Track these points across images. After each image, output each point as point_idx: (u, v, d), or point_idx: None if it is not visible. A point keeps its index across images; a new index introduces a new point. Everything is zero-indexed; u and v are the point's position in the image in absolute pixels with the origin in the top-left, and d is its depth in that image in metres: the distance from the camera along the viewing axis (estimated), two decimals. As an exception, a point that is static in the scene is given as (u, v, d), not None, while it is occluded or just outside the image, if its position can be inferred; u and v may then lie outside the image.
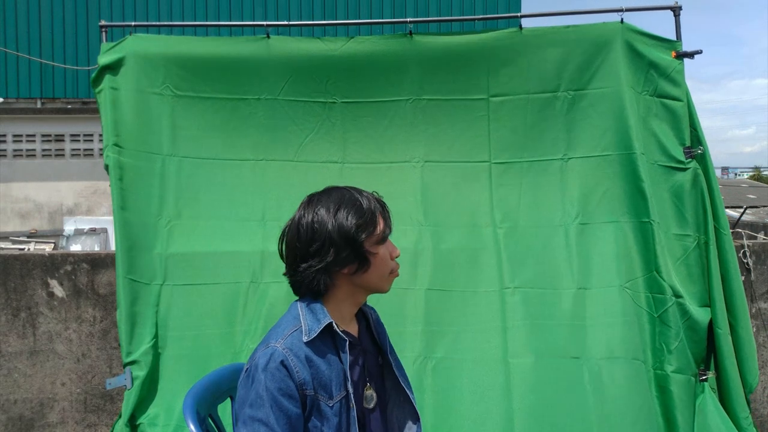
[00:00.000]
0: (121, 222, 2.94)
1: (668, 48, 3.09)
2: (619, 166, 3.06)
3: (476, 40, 3.18)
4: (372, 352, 1.53)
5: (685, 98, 3.04)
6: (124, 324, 2.83)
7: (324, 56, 3.17)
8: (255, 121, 3.18)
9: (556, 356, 2.91)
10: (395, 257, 1.49)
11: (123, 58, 3.09)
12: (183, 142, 3.12)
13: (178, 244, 3.01)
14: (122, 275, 2.88)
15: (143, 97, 3.09)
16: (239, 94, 3.17)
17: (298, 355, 1.34)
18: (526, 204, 3.13)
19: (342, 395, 1.38)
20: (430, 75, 3.18)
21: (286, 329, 1.39)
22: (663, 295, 2.93)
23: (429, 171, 3.18)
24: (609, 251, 3.03)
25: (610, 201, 3.07)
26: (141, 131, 3.07)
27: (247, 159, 3.17)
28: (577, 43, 3.13)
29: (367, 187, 2.91)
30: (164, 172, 3.07)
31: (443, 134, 3.19)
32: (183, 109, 3.14)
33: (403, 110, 3.19)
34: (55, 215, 8.99)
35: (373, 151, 3.20)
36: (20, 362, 3.31)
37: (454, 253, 3.08)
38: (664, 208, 3.02)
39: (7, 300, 3.30)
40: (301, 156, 3.19)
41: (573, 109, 3.14)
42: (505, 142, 3.16)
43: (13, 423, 3.31)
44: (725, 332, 2.89)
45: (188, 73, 3.14)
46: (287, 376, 1.31)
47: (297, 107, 3.20)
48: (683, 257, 2.99)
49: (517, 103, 3.17)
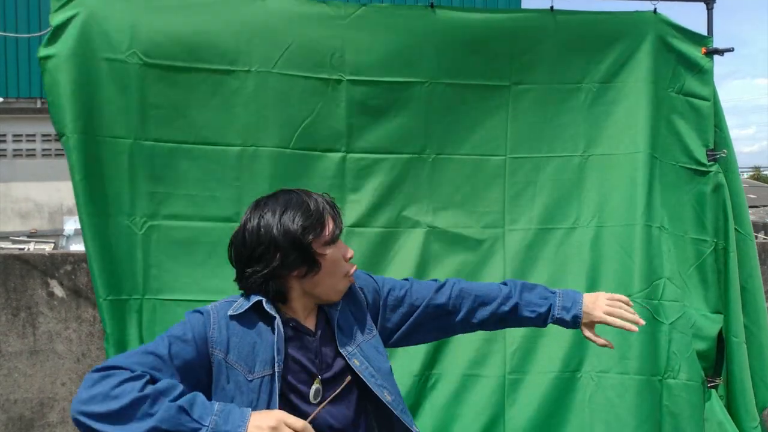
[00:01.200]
0: (93, 231, 2.50)
1: (699, 44, 2.90)
2: (641, 166, 2.84)
3: (504, 19, 2.84)
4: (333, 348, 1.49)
5: (712, 98, 2.88)
6: (111, 352, 2.50)
7: (330, 24, 2.70)
8: (243, 98, 2.64)
9: (557, 370, 2.80)
10: (349, 258, 1.47)
11: (78, 15, 2.49)
12: (154, 122, 2.58)
13: (156, 250, 2.60)
14: (103, 296, 2.51)
15: (104, 66, 2.51)
16: (225, 64, 2.62)
17: (223, 317, 1.40)
18: (542, 204, 2.88)
19: (267, 373, 1.37)
20: (450, 56, 2.79)
21: (225, 299, 1.46)
22: (675, 302, 2.83)
23: (440, 165, 2.84)
24: (622, 255, 2.85)
25: (629, 203, 2.86)
26: (104, 110, 2.52)
27: (234, 145, 2.65)
28: (609, 32, 2.86)
29: (372, 182, 2.81)
30: (133, 162, 2.56)
31: (458, 124, 2.85)
32: (154, 81, 2.56)
33: (419, 93, 2.79)
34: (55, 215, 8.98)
35: (381, 139, 2.79)
36: (20, 362, 3.31)
37: (461, 258, 2.85)
38: (683, 211, 2.89)
39: (7, 300, 3.30)
40: (298, 143, 2.70)
41: (596, 103, 2.89)
42: (523, 135, 2.87)
43: (13, 423, 3.31)
44: (740, 341, 2.82)
45: (161, 37, 2.56)
46: (202, 324, 1.38)
47: (295, 83, 2.68)
48: (698, 262, 2.88)
49: (540, 92, 2.87)
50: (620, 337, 2.63)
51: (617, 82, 2.88)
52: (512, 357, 2.79)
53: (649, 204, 2.84)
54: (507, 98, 2.86)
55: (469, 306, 1.65)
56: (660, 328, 2.80)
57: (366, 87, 2.75)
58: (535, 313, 1.65)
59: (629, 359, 2.76)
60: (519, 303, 1.65)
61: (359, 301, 1.57)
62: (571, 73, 2.88)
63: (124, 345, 2.53)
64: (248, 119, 2.66)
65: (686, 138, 2.90)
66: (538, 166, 2.88)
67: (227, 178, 2.66)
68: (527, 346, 2.81)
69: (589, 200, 2.88)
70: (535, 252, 2.86)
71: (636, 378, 2.76)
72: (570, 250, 2.86)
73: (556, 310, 1.65)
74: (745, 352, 2.84)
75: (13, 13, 8.53)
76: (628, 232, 2.83)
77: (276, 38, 2.66)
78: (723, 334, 2.87)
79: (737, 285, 2.86)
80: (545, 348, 2.81)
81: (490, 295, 1.67)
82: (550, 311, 1.65)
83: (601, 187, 2.88)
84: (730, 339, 2.84)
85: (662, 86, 2.89)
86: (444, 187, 2.85)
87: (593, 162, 2.89)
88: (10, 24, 8.57)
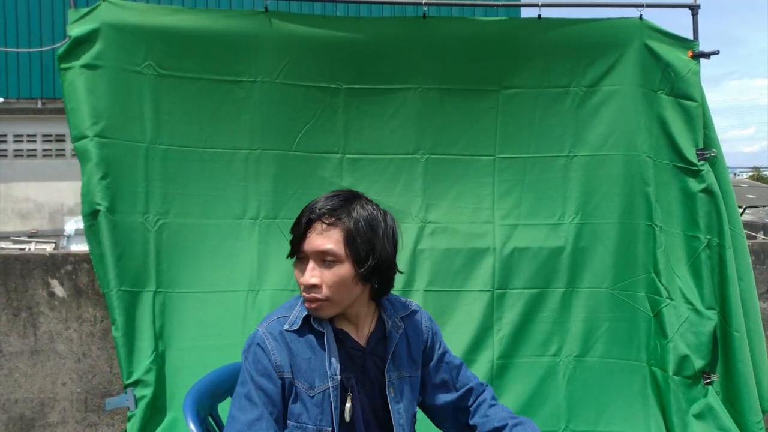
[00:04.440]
0: (109, 227, 2.68)
1: (685, 47, 3.01)
2: (624, 166, 3.03)
3: (494, 27, 3.00)
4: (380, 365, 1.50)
5: (700, 99, 2.99)
6: (122, 343, 2.65)
7: (329, 37, 2.88)
8: (250, 106, 2.87)
9: (542, 355, 2.99)
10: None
11: (97, 29, 2.68)
12: (168, 128, 2.80)
13: (168, 245, 2.78)
14: (115, 288, 2.68)
15: (122, 77, 2.72)
16: (232, 75, 2.85)
17: (277, 339, 1.40)
18: (528, 201, 3.06)
19: (325, 387, 1.40)
20: (441, 62, 2.98)
21: (273, 315, 1.46)
22: (660, 297, 2.95)
23: (432, 165, 3.03)
24: (605, 251, 3.05)
25: (610, 201, 3.05)
26: (121, 117, 2.73)
27: (241, 149, 2.87)
28: (595, 38, 3.02)
29: (367, 180, 2.97)
30: (148, 164, 2.77)
31: (450, 126, 3.03)
32: (167, 90, 2.78)
33: (411, 99, 2.99)
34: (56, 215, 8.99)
35: (376, 142, 3.00)
36: (21, 362, 3.32)
37: (453, 252, 3.02)
38: (674, 209, 3.00)
39: (7, 300, 3.31)
40: (300, 146, 2.93)
41: (583, 106, 3.06)
42: (511, 136, 3.05)
43: (14, 423, 3.32)
44: (741, 335, 2.84)
45: (173, 49, 2.76)
46: (264, 357, 1.39)
47: (297, 92, 2.91)
48: (692, 259, 2.95)
49: (528, 96, 3.05)
50: (599, 328, 3.00)
51: (603, 85, 3.05)
52: (499, 342, 2.99)
53: (634, 201, 3.03)
54: (497, 102, 3.04)
55: (480, 416, 1.60)
56: (642, 318, 3.01)
57: (361, 93, 2.96)
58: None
59: (605, 344, 3.00)
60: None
61: (421, 335, 1.57)
62: (558, 78, 3.05)
63: (133, 333, 2.71)
64: (254, 125, 2.88)
65: (677, 138, 2.99)
66: (525, 166, 3.07)
67: (234, 179, 2.88)
68: (515, 331, 3.01)
69: (573, 198, 3.07)
70: (522, 248, 3.05)
71: (614, 362, 3.00)
72: (555, 246, 3.05)
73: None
74: (747, 347, 2.85)
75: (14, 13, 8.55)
76: (610, 228, 3.04)
77: (278, 50, 2.86)
78: (722, 329, 2.90)
79: (735, 280, 2.90)
80: (533, 333, 3.02)
81: (497, 420, 1.56)
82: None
83: (585, 185, 3.07)
84: (732, 334, 2.86)
85: (651, 88, 3.03)
86: (436, 185, 3.04)
87: (578, 162, 3.08)
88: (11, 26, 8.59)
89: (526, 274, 3.03)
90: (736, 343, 2.84)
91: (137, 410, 2.63)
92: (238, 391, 1.41)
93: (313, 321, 1.42)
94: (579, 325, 3.03)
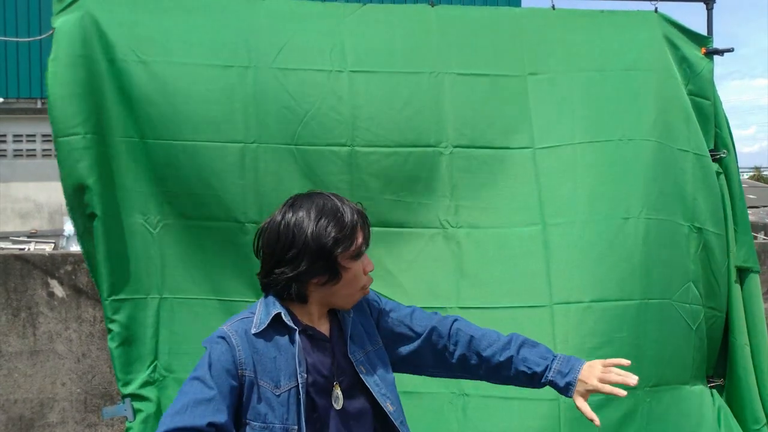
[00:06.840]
0: (103, 230, 2.46)
1: (699, 44, 2.87)
2: (641, 154, 2.72)
3: (506, 15, 2.85)
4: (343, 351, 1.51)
5: (713, 98, 2.84)
6: (117, 351, 2.47)
7: (330, 23, 2.67)
8: (243, 93, 2.58)
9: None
10: (368, 272, 1.48)
11: (81, 17, 2.49)
12: (154, 119, 2.53)
13: (172, 249, 2.56)
14: (112, 296, 2.48)
15: (107, 67, 2.52)
16: (222, 60, 2.58)
17: (242, 337, 1.39)
18: (584, 194, 2.65)
19: (292, 385, 1.39)
20: (456, 47, 2.72)
21: (236, 318, 1.44)
22: (668, 296, 2.72)
23: (459, 159, 2.66)
24: (675, 252, 2.71)
25: (667, 196, 2.73)
26: (109, 110, 2.51)
27: (236, 142, 2.57)
28: (620, 27, 2.84)
29: (386, 179, 2.68)
30: (140, 161, 2.54)
31: (475, 115, 2.68)
32: (151, 78, 2.53)
33: (425, 85, 2.68)
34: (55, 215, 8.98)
35: (390, 132, 2.64)
36: (20, 362, 3.31)
37: (494, 261, 2.62)
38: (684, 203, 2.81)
39: (7, 300, 3.30)
40: (301, 138, 2.59)
41: (603, 93, 2.76)
42: (550, 123, 2.71)
43: (13, 423, 3.31)
44: (743, 342, 2.81)
45: (158, 34, 2.56)
46: (227, 352, 1.37)
47: (294, 77, 2.62)
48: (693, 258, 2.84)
49: (560, 80, 2.76)
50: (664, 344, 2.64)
51: (640, 69, 2.79)
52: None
53: (650, 192, 2.70)
54: (525, 87, 2.73)
55: (466, 345, 1.62)
56: (687, 332, 2.72)
57: (367, 78, 2.65)
58: (530, 370, 1.58)
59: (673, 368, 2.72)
60: (515, 356, 1.59)
61: (366, 312, 1.58)
62: (580, 63, 2.78)
63: (132, 343, 2.50)
64: (248, 115, 2.58)
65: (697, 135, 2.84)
66: (575, 155, 2.69)
67: (230, 177, 2.57)
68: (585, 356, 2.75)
69: (637, 189, 2.68)
70: (581, 250, 2.61)
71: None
72: (626, 240, 2.64)
73: (551, 372, 1.58)
74: (748, 354, 2.82)
75: (14, 13, 8.53)
76: (673, 227, 2.72)
77: (274, 35, 2.63)
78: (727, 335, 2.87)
79: (738, 286, 2.84)
80: (604, 357, 2.70)
81: (487, 340, 1.62)
82: (545, 372, 1.58)
83: (645, 176, 2.70)
84: (733, 341, 2.84)
85: (674, 79, 2.82)
86: (466, 183, 2.67)
87: (633, 147, 2.71)
88: (10, 25, 8.58)
89: (585, 282, 2.58)
90: (737, 350, 2.80)
91: (135, 423, 2.48)
92: (191, 375, 1.36)
93: (285, 318, 1.41)
94: (652, 346, 2.60)
